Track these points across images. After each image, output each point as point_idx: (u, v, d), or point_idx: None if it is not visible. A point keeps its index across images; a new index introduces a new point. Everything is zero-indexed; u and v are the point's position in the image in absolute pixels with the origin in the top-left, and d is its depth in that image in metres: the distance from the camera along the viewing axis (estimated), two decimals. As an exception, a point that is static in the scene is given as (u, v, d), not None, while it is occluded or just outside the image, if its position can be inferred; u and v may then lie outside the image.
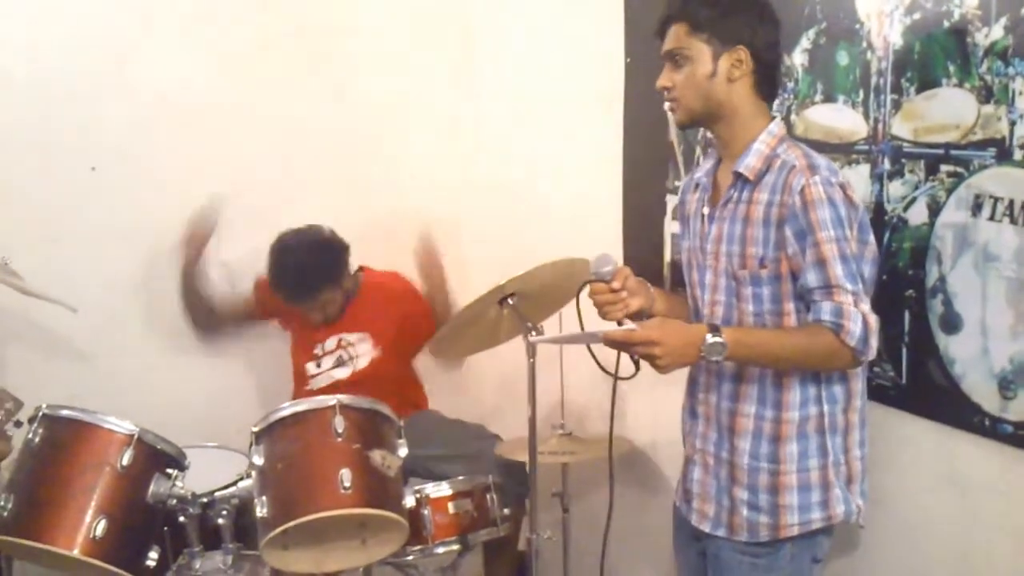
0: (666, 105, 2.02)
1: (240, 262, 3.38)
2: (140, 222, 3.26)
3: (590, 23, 3.08)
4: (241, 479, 2.42)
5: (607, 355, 1.97)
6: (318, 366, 3.27)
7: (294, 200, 3.40)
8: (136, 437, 2.25)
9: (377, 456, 2.27)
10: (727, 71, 1.93)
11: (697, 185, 2.11)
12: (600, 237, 2.97)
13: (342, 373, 3.25)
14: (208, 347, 3.40)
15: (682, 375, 2.10)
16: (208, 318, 3.33)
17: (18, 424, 1.94)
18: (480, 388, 3.67)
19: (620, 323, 1.99)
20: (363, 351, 3.28)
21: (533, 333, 2.33)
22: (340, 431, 2.25)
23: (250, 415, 2.44)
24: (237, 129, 3.35)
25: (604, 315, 2.02)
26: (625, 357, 1.91)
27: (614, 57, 2.94)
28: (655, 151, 2.81)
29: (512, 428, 3.65)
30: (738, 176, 1.94)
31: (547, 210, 3.31)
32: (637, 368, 1.92)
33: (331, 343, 3.26)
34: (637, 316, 2.02)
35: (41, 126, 3.12)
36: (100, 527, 2.15)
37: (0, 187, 3.10)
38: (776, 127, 1.96)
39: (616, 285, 2.01)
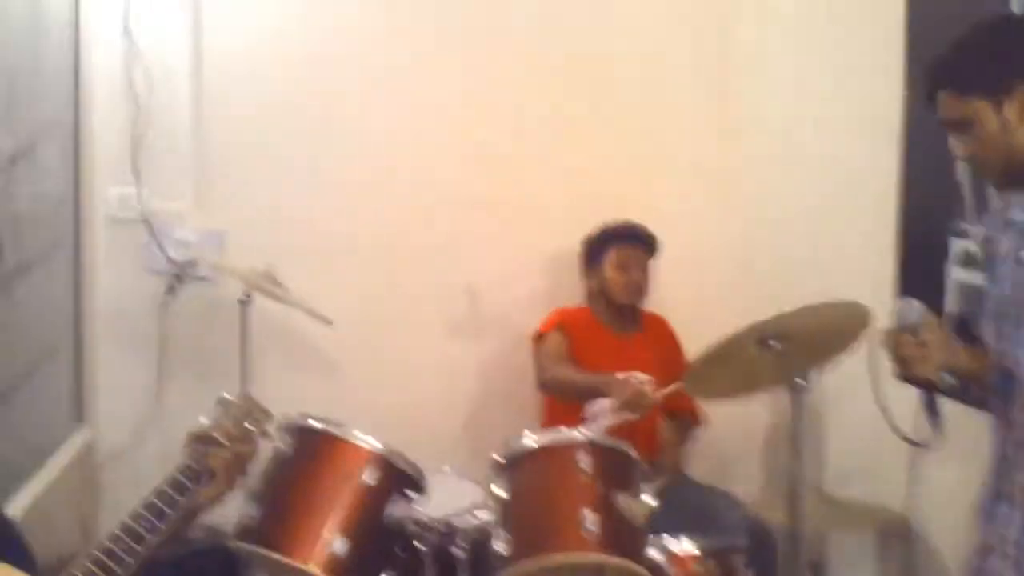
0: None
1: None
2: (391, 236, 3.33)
3: (865, 49, 2.85)
4: (479, 509, 2.33)
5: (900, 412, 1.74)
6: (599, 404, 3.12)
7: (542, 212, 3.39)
8: (381, 455, 2.21)
9: (622, 501, 2.12)
10: (1017, 116, 1.71)
11: (1010, 223, 1.84)
12: (869, 282, 2.71)
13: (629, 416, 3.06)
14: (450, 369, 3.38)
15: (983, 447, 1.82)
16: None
17: (266, 436, 1.93)
18: (713, 438, 3.45)
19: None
20: None
21: (799, 381, 2.11)
22: (586, 469, 2.12)
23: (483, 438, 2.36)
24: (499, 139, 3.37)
25: (906, 371, 1.79)
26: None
27: (892, 87, 2.69)
28: (939, 189, 2.54)
29: (750, 487, 3.43)
30: None
31: (812, 248, 3.08)
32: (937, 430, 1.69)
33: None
34: None
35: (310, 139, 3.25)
36: (339, 544, 2.12)
37: (270, 199, 3.24)
38: None
39: (927, 337, 1.78)
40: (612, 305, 3.25)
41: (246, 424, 1.87)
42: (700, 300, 3.40)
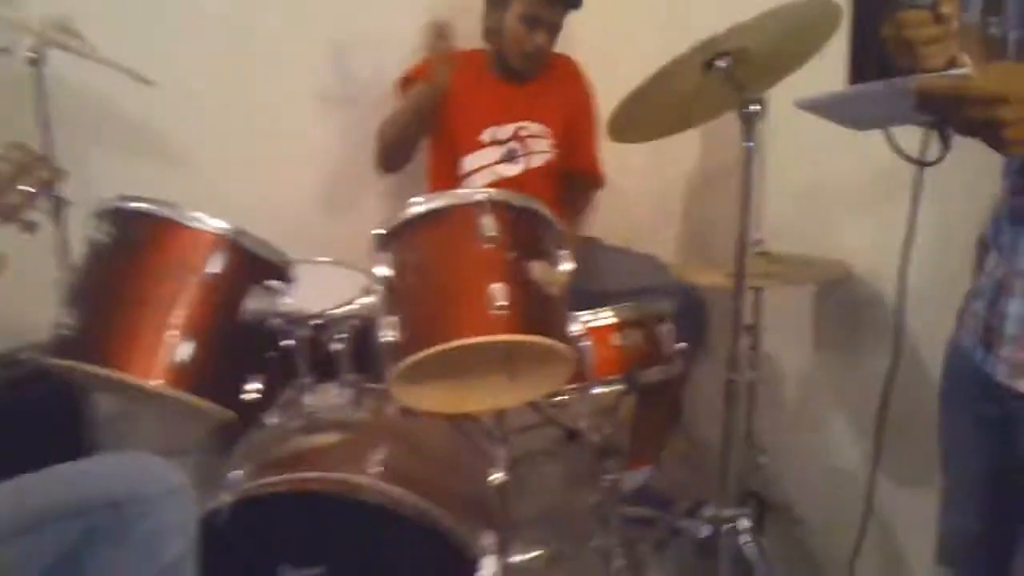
0: None
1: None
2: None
3: None
4: (362, 297, 1.91)
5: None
6: (480, 158, 2.71)
7: None
8: (228, 238, 1.75)
9: (537, 269, 1.72)
10: None
11: None
12: None
13: (511, 170, 2.70)
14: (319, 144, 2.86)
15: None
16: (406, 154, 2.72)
17: (59, 202, 1.46)
18: (623, 200, 3.09)
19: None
20: (539, 148, 2.73)
21: (752, 106, 1.70)
22: (490, 234, 1.70)
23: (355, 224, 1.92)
24: None
25: (922, 59, 1.35)
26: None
27: None
28: None
29: (670, 249, 3.10)
30: None
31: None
32: (947, 147, 1.30)
33: (507, 131, 2.70)
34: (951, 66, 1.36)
35: None
36: (185, 350, 1.68)
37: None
38: None
39: (946, 10, 1.34)
40: (506, 59, 2.76)
41: (25, 184, 1.38)
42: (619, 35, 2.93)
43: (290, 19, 2.83)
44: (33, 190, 1.45)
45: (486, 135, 2.70)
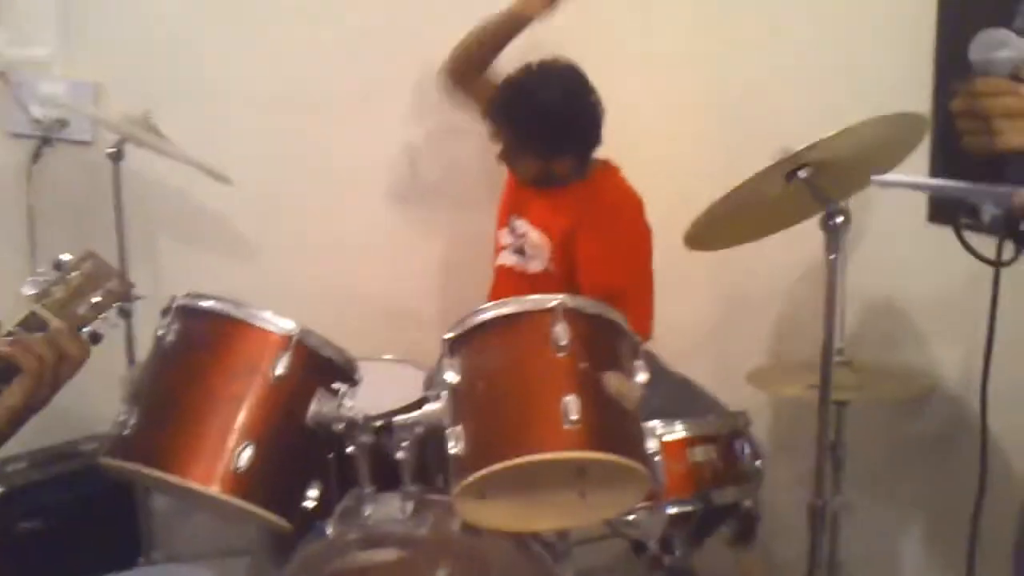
0: None
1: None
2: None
3: None
4: (427, 401, 1.84)
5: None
6: (503, 238, 2.66)
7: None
8: (295, 339, 1.70)
9: (612, 381, 1.64)
10: None
11: None
12: (895, 100, 2.17)
13: (514, 260, 2.64)
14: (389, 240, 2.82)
15: None
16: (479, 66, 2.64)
17: (126, 314, 1.44)
18: (691, 307, 2.99)
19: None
20: (536, 255, 2.61)
21: (838, 218, 1.63)
22: (563, 343, 1.62)
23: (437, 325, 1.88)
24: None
25: (997, 134, 1.19)
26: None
27: None
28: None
29: (740, 354, 2.98)
30: None
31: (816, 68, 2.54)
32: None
33: (518, 226, 2.64)
34: None
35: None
36: (245, 456, 1.62)
37: (152, 38, 2.63)
38: None
39: None
40: None
41: (93, 296, 1.35)
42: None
43: (363, 117, 2.86)
44: (102, 301, 1.42)
45: (510, 218, 2.65)
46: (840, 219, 1.61)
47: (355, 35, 2.81)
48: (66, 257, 1.45)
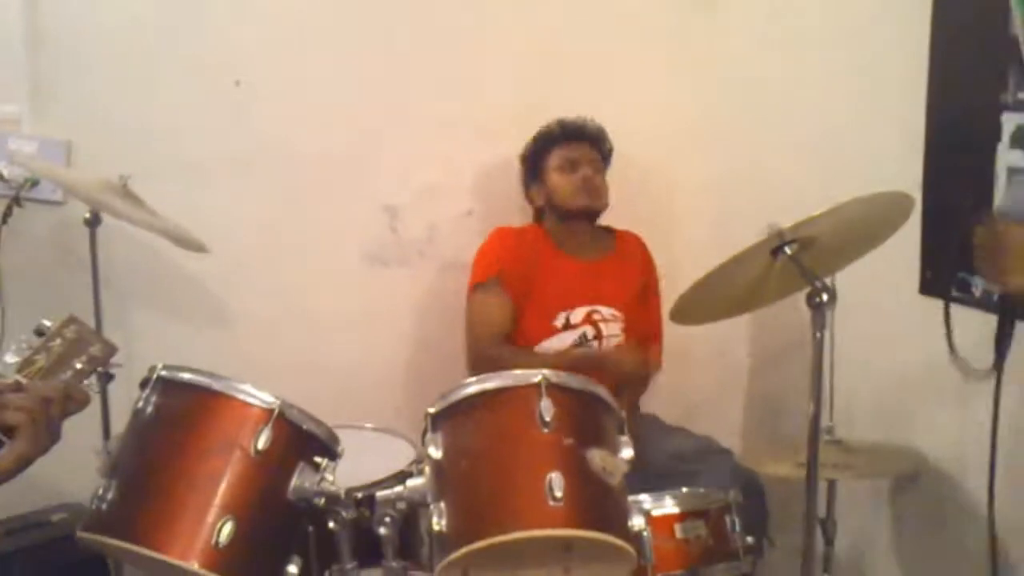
0: None
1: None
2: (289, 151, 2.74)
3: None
4: (409, 475, 1.82)
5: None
6: (555, 344, 2.65)
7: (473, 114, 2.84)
8: (276, 412, 1.67)
9: (597, 458, 1.63)
10: None
11: None
12: (886, 174, 2.20)
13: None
14: (369, 307, 2.83)
15: None
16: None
17: (108, 378, 1.43)
18: (684, 377, 2.98)
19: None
20: (612, 332, 2.66)
21: (823, 296, 1.63)
22: (548, 419, 1.61)
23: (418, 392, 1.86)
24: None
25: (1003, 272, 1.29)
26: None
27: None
28: (980, 51, 2.06)
29: (731, 431, 2.98)
30: None
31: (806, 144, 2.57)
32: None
33: (579, 315, 2.64)
34: None
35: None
36: (225, 531, 1.59)
37: (127, 101, 2.64)
38: None
39: None
40: (568, 219, 2.72)
41: (77, 362, 1.33)
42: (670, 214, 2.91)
43: (341, 181, 2.86)
44: (84, 368, 1.41)
45: (559, 320, 2.65)
46: (825, 297, 1.61)
47: (332, 102, 2.81)
48: (47, 323, 1.44)
